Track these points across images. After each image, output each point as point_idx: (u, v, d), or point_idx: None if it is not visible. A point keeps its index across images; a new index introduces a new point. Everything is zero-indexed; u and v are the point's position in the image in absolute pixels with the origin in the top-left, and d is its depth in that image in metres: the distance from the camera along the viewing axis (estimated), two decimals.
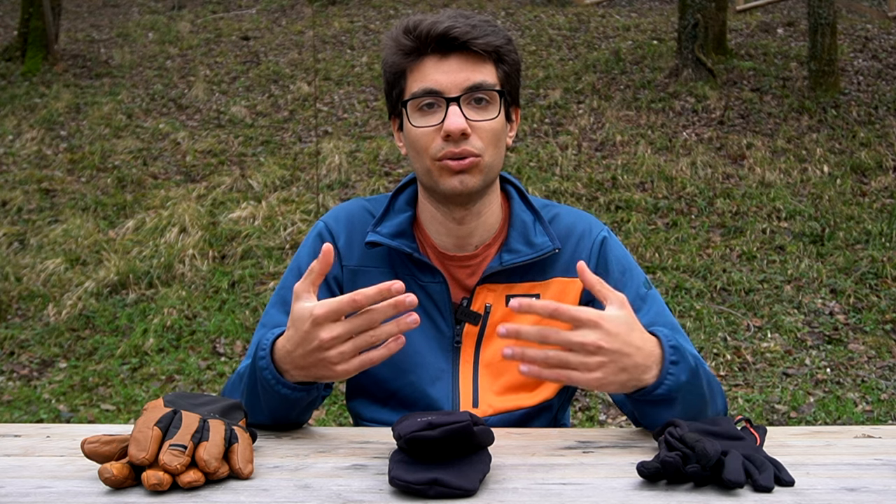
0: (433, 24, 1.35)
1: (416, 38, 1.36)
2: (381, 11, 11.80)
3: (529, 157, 7.08)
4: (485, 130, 1.36)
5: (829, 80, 7.92)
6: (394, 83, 1.41)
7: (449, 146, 1.35)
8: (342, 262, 1.49)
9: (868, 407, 4.02)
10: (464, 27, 1.35)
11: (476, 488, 1.04)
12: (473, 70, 1.36)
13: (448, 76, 1.35)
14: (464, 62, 1.36)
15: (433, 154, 1.36)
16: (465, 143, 1.35)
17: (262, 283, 5.45)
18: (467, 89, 1.35)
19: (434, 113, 1.36)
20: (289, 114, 8.52)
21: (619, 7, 12.01)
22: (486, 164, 1.38)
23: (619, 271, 1.48)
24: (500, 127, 1.39)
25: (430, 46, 1.36)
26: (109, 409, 4.23)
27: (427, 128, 1.36)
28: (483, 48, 1.36)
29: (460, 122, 1.33)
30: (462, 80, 1.35)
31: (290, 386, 1.26)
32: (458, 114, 1.34)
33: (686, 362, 1.23)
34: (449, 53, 1.36)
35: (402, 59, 1.39)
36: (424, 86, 1.36)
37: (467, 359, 1.46)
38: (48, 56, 10.04)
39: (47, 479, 1.10)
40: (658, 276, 5.36)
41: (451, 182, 1.37)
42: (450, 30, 1.34)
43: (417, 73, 1.37)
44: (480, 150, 1.36)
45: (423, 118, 1.37)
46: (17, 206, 6.75)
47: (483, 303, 1.45)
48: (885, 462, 1.17)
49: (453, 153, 1.35)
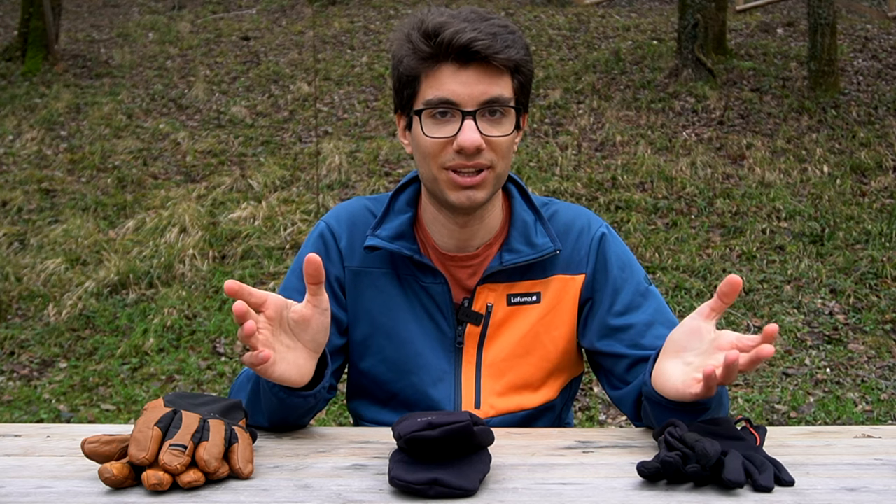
0: (455, 33, 1.30)
1: (436, 45, 1.31)
2: (381, 11, 11.80)
3: (529, 157, 7.08)
4: (498, 145, 1.34)
5: (828, 80, 7.92)
6: (406, 84, 1.37)
7: (460, 158, 1.33)
8: (344, 262, 1.48)
9: (868, 407, 4.02)
10: (486, 39, 1.30)
11: (476, 488, 1.04)
12: (491, 83, 1.32)
13: (466, 88, 1.31)
14: (482, 74, 1.32)
15: (442, 163, 1.34)
16: (477, 157, 1.33)
17: (263, 283, 5.45)
18: (484, 103, 1.32)
19: (448, 123, 1.33)
20: (289, 114, 8.52)
21: (619, 7, 12.01)
22: (495, 176, 1.37)
23: (619, 267, 1.47)
24: (511, 140, 1.37)
25: (451, 57, 1.31)
26: (109, 409, 4.22)
27: (439, 138, 1.33)
28: (504, 63, 1.32)
29: (475, 137, 1.31)
30: (479, 93, 1.31)
31: (291, 392, 1.26)
32: (473, 129, 1.31)
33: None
34: (468, 64, 1.31)
35: (418, 64, 1.34)
36: (440, 95, 1.32)
37: (469, 359, 1.45)
38: (48, 56, 10.04)
39: (47, 479, 1.10)
40: (658, 276, 5.36)
41: (458, 197, 1.35)
42: (472, 42, 1.29)
43: (433, 80, 1.33)
44: (492, 162, 1.35)
45: (436, 127, 1.34)
46: (18, 206, 6.75)
47: (484, 303, 1.45)
48: (885, 462, 1.17)
49: (465, 165, 1.33)
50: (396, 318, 1.45)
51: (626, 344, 1.42)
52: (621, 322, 1.44)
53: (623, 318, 1.44)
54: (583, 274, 1.47)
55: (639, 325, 1.43)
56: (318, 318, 1.22)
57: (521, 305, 1.45)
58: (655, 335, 1.42)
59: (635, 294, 1.45)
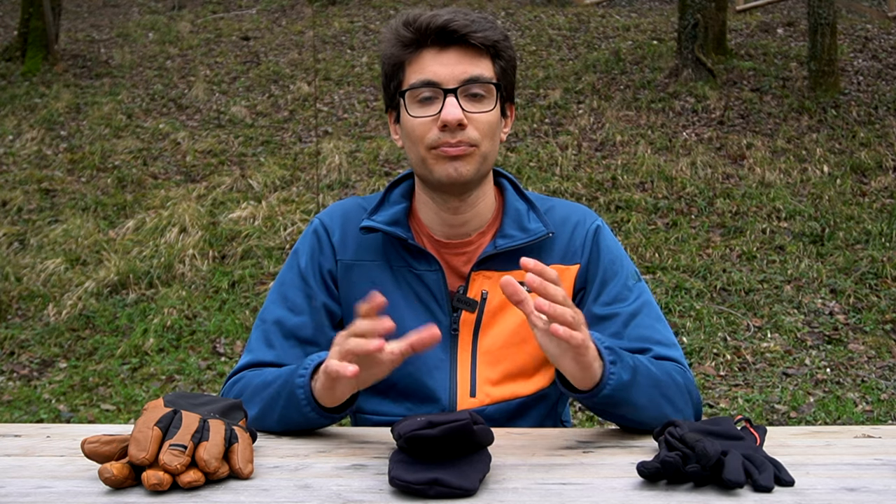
0: (433, 17, 1.38)
1: (415, 30, 1.39)
2: (381, 11, 11.80)
3: (529, 157, 7.08)
4: (481, 122, 1.39)
5: (829, 80, 7.92)
6: (392, 75, 1.43)
7: (445, 136, 1.37)
8: (336, 256, 1.50)
9: (868, 407, 4.02)
10: (463, 21, 1.38)
11: (476, 488, 1.04)
12: (471, 63, 1.39)
13: (446, 68, 1.38)
14: (462, 55, 1.38)
15: (428, 143, 1.38)
16: (460, 134, 1.37)
17: (263, 283, 5.45)
18: (465, 81, 1.37)
19: (432, 104, 1.38)
20: (289, 114, 8.52)
21: (619, 7, 12.01)
22: (481, 154, 1.40)
23: (610, 261, 1.49)
24: (495, 120, 1.41)
25: (430, 39, 1.38)
26: (109, 409, 4.22)
27: (424, 118, 1.38)
28: (481, 42, 1.38)
29: (457, 112, 1.35)
30: (460, 72, 1.38)
31: (317, 411, 1.28)
32: (455, 104, 1.36)
33: (624, 362, 1.25)
34: (448, 46, 1.38)
35: (401, 51, 1.41)
36: (423, 77, 1.38)
37: (465, 347, 1.47)
38: (48, 56, 10.04)
39: (47, 479, 1.10)
40: (658, 276, 5.36)
41: (445, 169, 1.38)
42: (449, 23, 1.37)
43: (416, 65, 1.40)
44: (476, 140, 1.38)
45: (421, 109, 1.39)
46: (17, 206, 6.75)
47: (479, 290, 1.46)
48: (885, 462, 1.17)
49: (449, 143, 1.37)
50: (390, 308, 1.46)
51: (608, 333, 1.43)
52: (606, 311, 1.45)
53: (608, 308, 1.46)
54: (578, 264, 1.49)
55: (623, 315, 1.45)
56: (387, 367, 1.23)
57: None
58: (638, 325, 1.44)
59: (622, 288, 1.48)
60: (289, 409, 1.30)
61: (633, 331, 1.44)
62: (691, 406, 1.38)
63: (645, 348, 1.42)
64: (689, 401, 1.38)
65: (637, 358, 1.32)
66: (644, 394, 1.28)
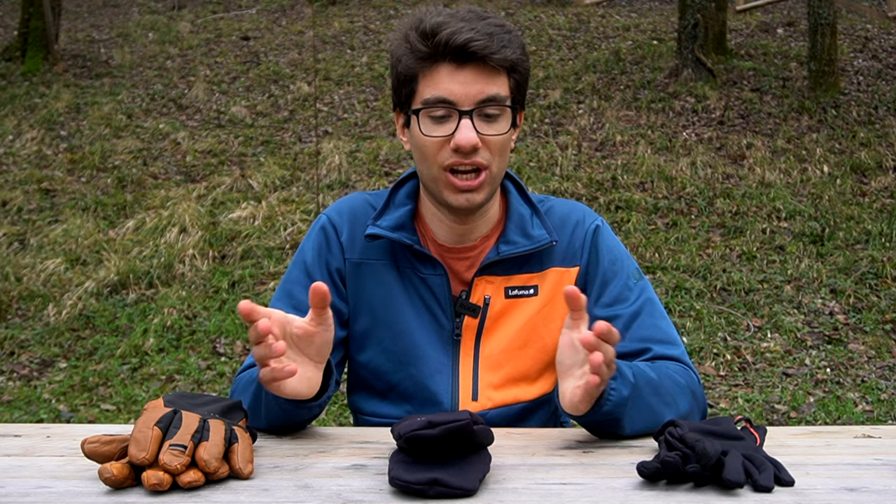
0: (452, 33, 1.32)
1: (433, 45, 1.33)
2: (381, 11, 11.80)
3: (529, 157, 7.08)
4: (494, 143, 1.37)
5: (829, 80, 7.92)
6: (404, 83, 1.39)
7: (457, 157, 1.35)
8: (345, 255, 1.50)
9: (868, 407, 4.02)
10: (483, 40, 1.32)
11: (476, 488, 1.04)
12: (487, 83, 1.34)
13: (463, 87, 1.34)
14: (478, 74, 1.34)
15: (441, 163, 1.37)
16: (474, 156, 1.35)
17: (263, 283, 5.45)
18: (480, 102, 1.34)
19: (445, 123, 1.35)
20: (289, 114, 8.52)
21: (619, 7, 12.00)
22: (492, 176, 1.39)
23: (610, 260, 1.49)
24: (507, 139, 1.39)
25: (448, 57, 1.34)
26: (109, 409, 4.22)
27: (437, 137, 1.36)
28: (500, 63, 1.34)
29: (472, 136, 1.33)
30: (475, 92, 1.34)
31: (293, 403, 1.26)
32: (469, 128, 1.33)
33: (623, 377, 1.24)
34: (465, 64, 1.34)
35: (416, 64, 1.36)
36: (437, 94, 1.34)
37: (467, 352, 1.46)
38: (48, 56, 10.04)
39: (47, 479, 1.10)
40: (658, 276, 5.36)
41: (457, 199, 1.38)
42: (469, 42, 1.31)
43: (430, 80, 1.35)
44: (488, 161, 1.37)
45: (434, 127, 1.36)
46: (17, 206, 6.75)
47: (482, 295, 1.46)
48: (885, 462, 1.17)
49: (462, 163, 1.35)
50: (396, 310, 1.47)
51: None
52: (607, 313, 1.44)
53: (610, 310, 1.45)
54: (577, 266, 1.49)
55: (624, 317, 1.44)
56: (323, 333, 1.22)
57: (519, 298, 1.46)
58: (640, 325, 1.44)
59: (623, 287, 1.47)
60: (269, 405, 1.29)
61: (635, 331, 1.43)
62: (695, 406, 1.38)
63: (646, 348, 1.42)
64: (692, 401, 1.37)
65: (637, 367, 1.31)
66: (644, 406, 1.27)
